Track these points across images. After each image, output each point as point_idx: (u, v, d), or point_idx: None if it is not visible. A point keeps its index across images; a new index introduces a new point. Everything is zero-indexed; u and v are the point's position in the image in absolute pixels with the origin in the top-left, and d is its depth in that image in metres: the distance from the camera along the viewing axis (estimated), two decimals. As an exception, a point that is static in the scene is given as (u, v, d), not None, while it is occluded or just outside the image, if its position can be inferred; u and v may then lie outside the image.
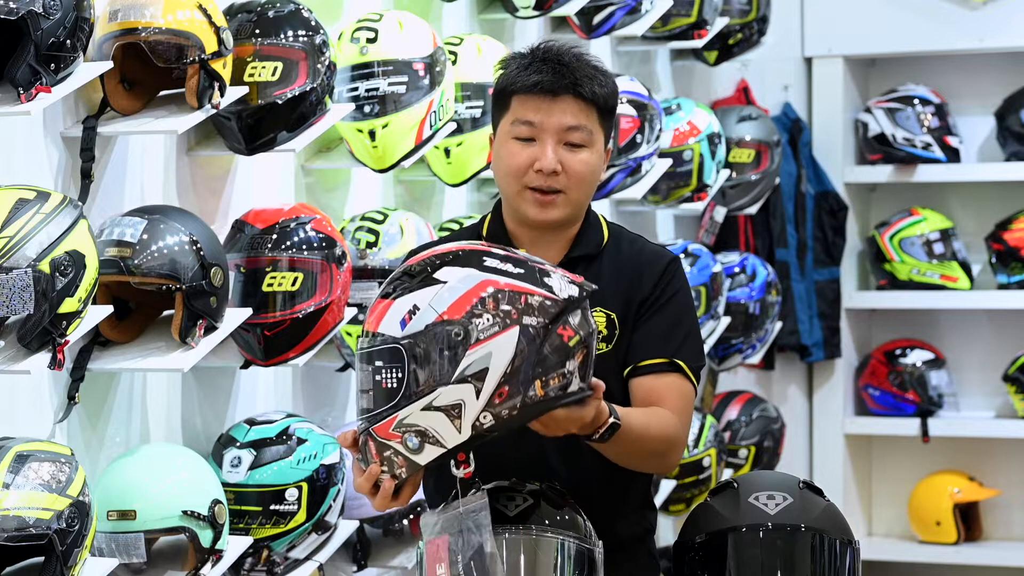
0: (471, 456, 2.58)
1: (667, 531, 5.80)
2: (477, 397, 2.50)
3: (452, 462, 2.58)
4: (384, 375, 2.54)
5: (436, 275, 2.56)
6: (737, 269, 5.72)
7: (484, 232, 2.98)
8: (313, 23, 3.61)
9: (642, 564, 3.03)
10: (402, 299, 2.55)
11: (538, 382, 2.51)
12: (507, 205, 2.96)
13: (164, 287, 3.26)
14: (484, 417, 2.51)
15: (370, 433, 2.57)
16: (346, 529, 3.74)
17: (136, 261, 3.23)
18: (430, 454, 2.53)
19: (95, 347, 3.32)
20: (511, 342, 2.50)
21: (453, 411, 2.51)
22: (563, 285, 2.57)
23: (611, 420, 2.68)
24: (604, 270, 2.92)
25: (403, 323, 2.53)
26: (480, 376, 2.50)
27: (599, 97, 2.88)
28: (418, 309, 2.53)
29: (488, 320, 2.51)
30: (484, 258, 2.58)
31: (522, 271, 2.57)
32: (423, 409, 2.51)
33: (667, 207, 5.42)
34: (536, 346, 2.52)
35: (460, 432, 2.51)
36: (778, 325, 5.91)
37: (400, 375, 2.52)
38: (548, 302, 2.55)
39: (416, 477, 2.63)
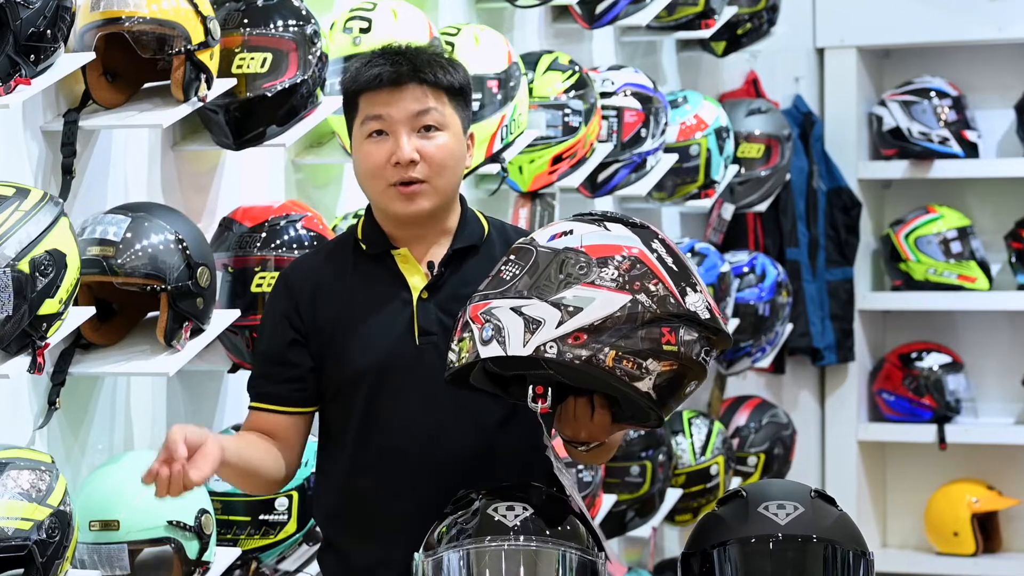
0: (548, 392, 2.75)
1: (673, 542, 5.83)
2: (557, 326, 2.67)
3: (530, 394, 2.75)
4: (506, 267, 2.76)
5: (607, 223, 2.77)
6: (746, 269, 5.74)
7: (360, 235, 2.97)
8: (304, 12, 3.59)
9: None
10: (567, 223, 2.79)
11: (613, 352, 2.66)
12: (377, 209, 2.96)
13: (148, 288, 3.25)
14: (550, 347, 2.67)
15: (466, 309, 2.76)
16: (339, 539, 3.72)
17: (119, 260, 3.22)
18: (492, 351, 2.70)
19: (77, 350, 3.31)
20: (616, 303, 2.67)
21: (532, 324, 2.68)
22: (700, 306, 2.72)
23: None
24: (498, 257, 2.90)
25: (552, 237, 2.76)
26: (572, 312, 2.67)
27: (443, 81, 2.90)
28: (570, 233, 2.75)
29: (612, 274, 2.69)
30: (654, 240, 2.76)
31: (675, 269, 2.73)
32: (511, 308, 2.70)
33: (673, 204, 5.43)
34: (634, 324, 2.67)
35: (524, 346, 2.68)
36: (789, 327, 5.94)
37: (516, 272, 2.73)
38: (672, 300, 2.70)
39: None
